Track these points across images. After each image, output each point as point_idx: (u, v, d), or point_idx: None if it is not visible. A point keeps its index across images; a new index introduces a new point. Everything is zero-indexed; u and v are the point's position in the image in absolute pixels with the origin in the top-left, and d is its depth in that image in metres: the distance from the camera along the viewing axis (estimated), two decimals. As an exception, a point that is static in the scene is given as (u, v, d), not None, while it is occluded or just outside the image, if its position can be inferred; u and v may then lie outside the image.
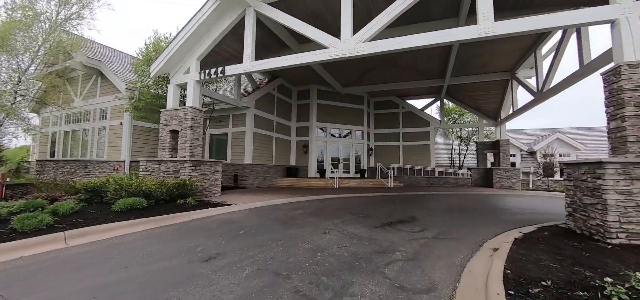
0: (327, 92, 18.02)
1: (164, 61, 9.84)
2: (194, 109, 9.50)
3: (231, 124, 14.40)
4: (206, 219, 6.14)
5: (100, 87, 14.19)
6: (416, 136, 19.40)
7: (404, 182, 17.78)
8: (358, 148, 18.95)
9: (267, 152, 15.37)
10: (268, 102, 15.55)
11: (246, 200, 8.66)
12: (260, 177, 14.55)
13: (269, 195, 10.43)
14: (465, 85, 16.70)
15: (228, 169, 14.06)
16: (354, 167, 18.57)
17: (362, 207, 8.16)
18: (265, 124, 15.19)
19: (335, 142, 18.18)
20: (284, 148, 17.06)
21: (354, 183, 15.65)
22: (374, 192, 12.64)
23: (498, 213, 8.05)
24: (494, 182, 16.52)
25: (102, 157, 13.54)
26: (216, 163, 9.90)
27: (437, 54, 13.13)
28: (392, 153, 19.87)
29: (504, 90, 16.26)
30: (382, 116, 20.45)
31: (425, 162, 18.95)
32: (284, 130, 17.19)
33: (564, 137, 20.25)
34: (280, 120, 16.66)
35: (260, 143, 14.81)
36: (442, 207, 8.87)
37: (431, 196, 11.77)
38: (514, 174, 16.34)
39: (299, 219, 6.39)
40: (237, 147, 14.07)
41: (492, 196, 12.52)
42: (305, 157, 17.49)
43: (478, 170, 17.89)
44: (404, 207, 8.57)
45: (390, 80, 16.60)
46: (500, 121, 17.33)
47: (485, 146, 18.29)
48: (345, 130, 18.57)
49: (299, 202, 8.85)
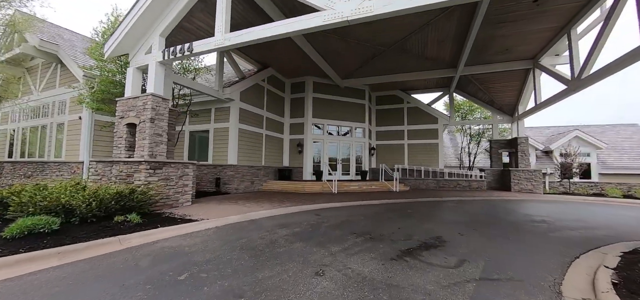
0: (325, 85, 16.12)
1: (119, 38, 7.90)
2: (155, 97, 7.55)
3: (213, 119, 12.45)
4: (143, 249, 4.20)
5: (60, 76, 12.20)
6: (423, 134, 17.54)
7: (410, 185, 15.91)
8: (358, 147, 17.07)
9: (256, 151, 13.44)
10: (257, 94, 13.63)
11: (220, 212, 6.73)
12: (247, 180, 12.61)
13: (252, 203, 8.50)
14: (479, 77, 14.87)
15: (209, 171, 12.12)
16: (355, 168, 16.68)
17: (369, 222, 6.25)
18: (253, 120, 13.25)
19: (334, 140, 16.29)
20: (275, 147, 15.14)
21: (355, 186, 13.75)
22: (379, 198, 10.75)
23: (542, 228, 6.18)
24: (512, 185, 14.68)
25: (60, 158, 11.55)
26: (185, 165, 7.96)
27: (451, 36, 11.27)
28: (396, 153, 18.00)
29: (523, 81, 14.45)
30: (385, 112, 18.58)
31: (432, 162, 17.09)
32: (276, 127, 15.26)
33: (583, 135, 18.47)
34: (271, 115, 14.73)
35: (248, 141, 12.87)
36: (467, 219, 6.99)
37: (447, 204, 9.89)
38: (534, 176, 14.52)
39: (282, 245, 4.47)
40: (219, 146, 12.13)
41: (517, 203, 10.66)
42: (299, 157, 15.57)
43: (492, 172, 16.06)
44: (421, 220, 6.67)
45: (395, 70, 14.72)
46: (518, 117, 15.51)
47: (500, 145, 16.46)
48: (345, 127, 16.67)
49: (287, 215, 6.93)
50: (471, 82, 15.58)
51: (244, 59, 13.62)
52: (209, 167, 12.16)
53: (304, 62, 13.89)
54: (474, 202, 10.39)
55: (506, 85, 14.82)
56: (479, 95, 16.58)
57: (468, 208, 8.91)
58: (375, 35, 11.29)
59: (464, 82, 16.15)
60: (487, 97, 16.22)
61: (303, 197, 10.35)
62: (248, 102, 12.90)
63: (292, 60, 13.77)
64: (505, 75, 14.26)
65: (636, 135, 20.26)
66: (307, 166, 15.35)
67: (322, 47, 12.44)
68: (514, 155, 15.60)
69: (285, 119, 16.07)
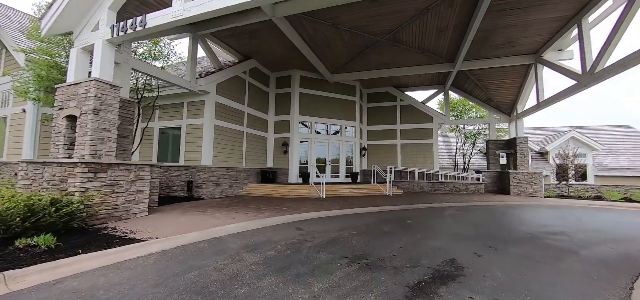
0: (313, 80, 14.87)
1: (59, 11, 6.44)
2: (101, 83, 6.11)
3: (185, 115, 11.00)
4: (35, 294, 2.84)
5: (4, 63, 10.51)
6: (417, 133, 16.53)
7: (404, 188, 14.85)
8: (349, 147, 15.90)
9: (235, 151, 12.05)
10: (237, 88, 12.24)
11: (178, 227, 5.38)
12: (224, 183, 11.22)
13: (223, 213, 7.16)
14: (477, 73, 13.95)
15: (181, 173, 10.67)
16: (345, 170, 15.50)
17: (363, 240, 5.03)
18: (232, 116, 11.87)
19: (322, 140, 15.06)
20: (258, 147, 13.78)
21: (345, 190, 12.56)
22: (372, 203, 9.58)
23: (567, 244, 5.13)
24: (511, 188, 13.82)
25: (1, 157, 9.88)
26: (139, 167, 6.54)
27: (452, 25, 10.23)
28: (388, 153, 16.94)
29: (523, 79, 13.62)
30: (377, 110, 17.49)
31: (427, 163, 16.11)
32: (259, 125, 13.91)
33: (580, 136, 17.93)
34: (253, 112, 13.37)
35: (226, 140, 11.48)
36: (477, 232, 5.88)
37: (448, 211, 8.80)
38: (535, 179, 13.69)
39: (246, 281, 3.19)
40: (192, 145, 10.70)
41: (522, 209, 9.70)
42: (285, 158, 14.26)
43: (490, 174, 15.19)
44: (425, 235, 5.51)
45: (388, 64, 13.62)
46: (517, 116, 14.69)
47: (497, 145, 15.63)
48: (334, 126, 15.47)
49: (262, 231, 5.63)
50: (468, 79, 14.66)
51: (223, 49, 12.20)
52: (180, 169, 10.71)
53: (290, 54, 12.61)
54: (476, 209, 9.35)
55: (505, 82, 13.96)
56: (476, 93, 15.70)
57: (473, 216, 7.84)
58: (370, 21, 10.13)
59: (461, 79, 15.23)
60: (484, 95, 15.35)
61: (286, 204, 9.06)
62: (226, 95, 11.51)
63: (277, 51, 12.46)
64: (505, 71, 13.38)
65: (629, 137, 19.93)
66: (293, 168, 14.06)
67: (311, 36, 11.19)
68: (512, 156, 14.78)
69: (270, 116, 14.73)
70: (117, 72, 7.40)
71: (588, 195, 14.03)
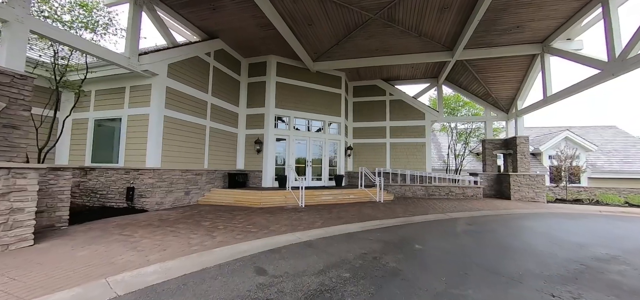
0: (292, 68, 12.85)
1: None
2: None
3: (127, 102, 8.65)
4: None
5: None
6: (408, 131, 14.92)
7: (394, 193, 13.16)
8: (333, 146, 14.02)
9: (194, 150, 9.80)
10: (197, 72, 9.99)
11: (53, 276, 3.22)
12: (178, 189, 8.97)
13: (154, 240, 5.00)
14: (477, 63, 12.50)
15: (120, 177, 8.32)
16: (328, 172, 13.59)
17: (363, 294, 3.09)
18: (190, 106, 9.62)
19: (302, 137, 13.07)
20: (225, 145, 11.57)
21: (328, 196, 10.65)
22: (362, 215, 7.72)
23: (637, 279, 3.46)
24: (512, 193, 12.48)
25: None
26: (18, 172, 4.25)
27: (457, 4, 8.59)
28: (376, 153, 15.22)
29: (526, 71, 12.31)
30: (364, 105, 15.71)
31: (418, 165, 14.53)
32: (227, 119, 11.70)
33: (574, 136, 17.08)
34: (219, 102, 11.15)
35: (181, 135, 9.22)
36: (517, 266, 4.10)
37: (459, 225, 7.09)
38: (537, 182, 12.44)
39: None
40: (135, 141, 8.37)
41: (538, 219, 8.18)
42: (258, 158, 12.14)
43: (486, 177, 13.83)
44: (452, 275, 3.64)
45: (379, 51, 11.86)
46: (516, 113, 13.40)
47: (494, 145, 14.31)
48: (316, 121, 13.52)
49: (198, 278, 3.56)
50: (466, 71, 13.20)
51: (181, 23, 9.87)
52: (119, 172, 8.35)
53: (265, 34, 10.53)
54: (488, 221, 7.71)
55: (507, 75, 12.60)
56: (473, 87, 14.30)
57: (493, 235, 6.14)
58: (360, -9, 8.28)
59: (457, 71, 13.77)
60: (482, 90, 13.97)
61: (254, 218, 6.99)
62: (182, 80, 9.24)
63: (249, 29, 10.33)
64: (507, 62, 12.00)
65: (618, 137, 19.44)
66: (268, 170, 11.97)
67: (290, 11, 9.18)
68: (511, 157, 13.47)
69: (241, 108, 12.54)
70: (4, 35, 5.08)
71: (590, 200, 12.98)
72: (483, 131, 17.21)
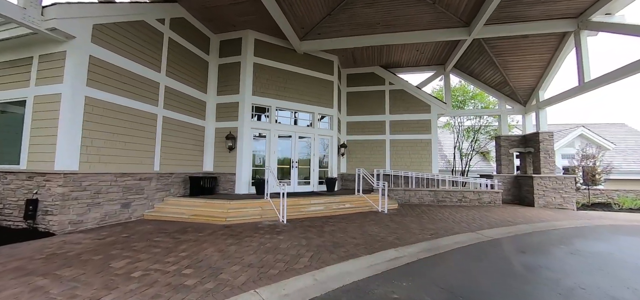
0: (274, 48, 10.49)
1: None
2: None
3: (35, 77, 6.09)
4: None
5: None
6: (411, 126, 12.80)
7: (397, 199, 11.00)
8: (324, 144, 11.73)
9: (138, 146, 7.29)
10: (145, 42, 7.49)
11: None
12: (111, 201, 6.46)
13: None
14: (497, 45, 10.51)
15: (21, 185, 5.77)
16: (317, 174, 11.29)
17: None
18: (131, 86, 7.11)
19: (286, 132, 10.72)
20: (188, 140, 9.09)
21: (319, 206, 8.35)
22: (367, 238, 5.47)
23: None
24: (536, 198, 10.53)
25: None
26: None
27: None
28: (374, 152, 13.03)
29: (553, 53, 10.39)
30: (360, 96, 13.50)
31: (424, 165, 12.44)
32: (190, 107, 9.23)
33: (589, 134, 15.47)
34: (179, 86, 8.67)
35: (115, 125, 6.72)
36: None
37: (509, 252, 4.92)
38: (565, 186, 10.53)
39: None
40: (43, 133, 5.83)
41: (592, 235, 6.13)
42: (231, 158, 9.72)
43: (501, 179, 11.85)
44: None
45: (379, 25, 9.67)
46: (539, 104, 11.49)
47: (510, 143, 12.37)
48: (304, 114, 11.21)
49: None
50: (482, 54, 11.17)
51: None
52: (20, 177, 5.80)
53: (240, 1, 8.17)
54: (545, 245, 5.59)
55: (531, 58, 10.66)
56: (486, 75, 12.32)
57: (580, 276, 3.99)
58: None
59: (471, 55, 11.74)
60: (497, 78, 11.99)
61: (204, 249, 4.60)
62: (119, 50, 6.73)
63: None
64: (533, 43, 10.06)
65: (632, 136, 18.01)
66: (243, 172, 9.56)
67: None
68: (532, 156, 11.56)
69: (209, 95, 10.07)
70: None
71: (619, 205, 11.20)
72: (494, 127, 15.34)
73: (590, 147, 13.24)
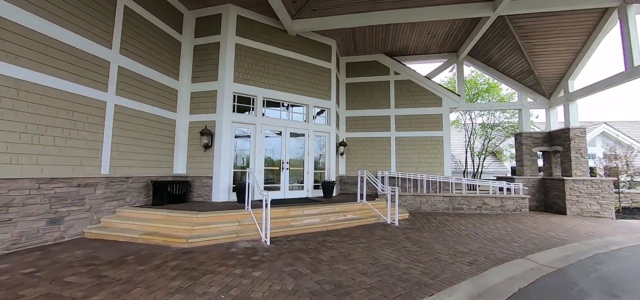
0: (261, 27, 8.83)
1: None
2: None
3: None
4: None
5: None
6: (420, 122, 11.21)
7: (406, 206, 9.39)
8: (320, 142, 10.09)
9: (80, 142, 5.57)
10: (85, 5, 5.76)
11: None
12: (35, 216, 4.73)
13: None
14: (526, 24, 8.96)
15: None
16: (312, 177, 9.62)
17: None
18: (62, 62, 5.39)
19: (275, 126, 9.05)
20: (153, 136, 7.37)
21: (314, 217, 6.71)
22: (384, 274, 3.85)
23: None
24: (568, 205, 9.01)
25: None
26: None
27: None
28: (377, 151, 11.41)
29: (589, 34, 8.88)
30: (361, 88, 11.87)
31: (434, 167, 10.86)
32: (156, 96, 7.51)
33: (611, 131, 14.05)
34: (140, 68, 6.95)
35: (33, 113, 4.99)
36: None
37: (599, 295, 3.31)
38: (602, 190, 9.02)
39: None
40: None
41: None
42: (207, 158, 8.02)
43: (526, 182, 10.29)
44: None
45: (388, 0, 8.07)
46: (568, 96, 9.98)
47: (533, 141, 10.85)
48: (297, 106, 9.56)
49: None
50: (505, 36, 9.61)
51: None
52: None
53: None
54: (627, 277, 4.01)
55: (562, 41, 9.13)
56: (507, 63, 10.78)
57: None
58: None
59: (491, 38, 10.19)
60: (520, 66, 10.46)
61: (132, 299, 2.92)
62: (38, 10, 5.01)
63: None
64: (567, 21, 8.53)
65: (652, 134, 16.64)
66: (222, 175, 7.86)
67: None
68: (561, 156, 10.05)
69: (182, 82, 8.35)
70: None
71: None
72: (510, 123, 13.84)
73: (619, 146, 11.82)
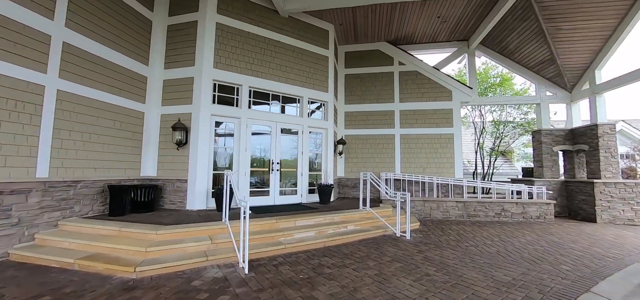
0: (247, 5, 7.61)
1: None
2: None
3: None
4: None
5: None
6: (427, 118, 10.05)
7: (415, 212, 8.21)
8: (315, 140, 8.88)
9: (2, 136, 4.30)
10: (20, -33, 4.51)
11: None
12: None
13: None
14: (549, 5, 7.82)
15: None
16: (307, 180, 8.39)
17: None
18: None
19: (265, 121, 7.82)
20: (114, 131, 6.11)
21: (308, 231, 5.50)
22: None
23: None
24: (598, 211, 7.91)
25: None
26: None
27: None
28: (380, 150, 10.23)
29: (623, 17, 7.78)
30: (362, 79, 10.67)
31: (444, 167, 9.71)
32: (119, 82, 6.25)
33: (630, 130, 13.07)
34: (96, 48, 5.69)
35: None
36: None
37: None
38: (636, 194, 7.93)
39: None
40: None
41: None
42: (181, 157, 6.77)
43: (546, 185, 9.16)
44: None
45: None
46: (594, 88, 8.89)
47: (554, 139, 9.75)
48: (289, 98, 8.34)
49: None
50: (527, 19, 8.46)
51: None
52: None
53: None
54: None
55: (591, 25, 8.02)
56: (524, 52, 9.67)
57: None
58: None
59: (510, 23, 9.04)
60: (541, 55, 9.35)
61: None
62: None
63: None
64: (598, 1, 7.43)
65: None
66: (198, 178, 6.61)
67: None
68: (587, 155, 8.96)
69: (153, 68, 7.08)
70: None
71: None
72: (521, 120, 12.76)
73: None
